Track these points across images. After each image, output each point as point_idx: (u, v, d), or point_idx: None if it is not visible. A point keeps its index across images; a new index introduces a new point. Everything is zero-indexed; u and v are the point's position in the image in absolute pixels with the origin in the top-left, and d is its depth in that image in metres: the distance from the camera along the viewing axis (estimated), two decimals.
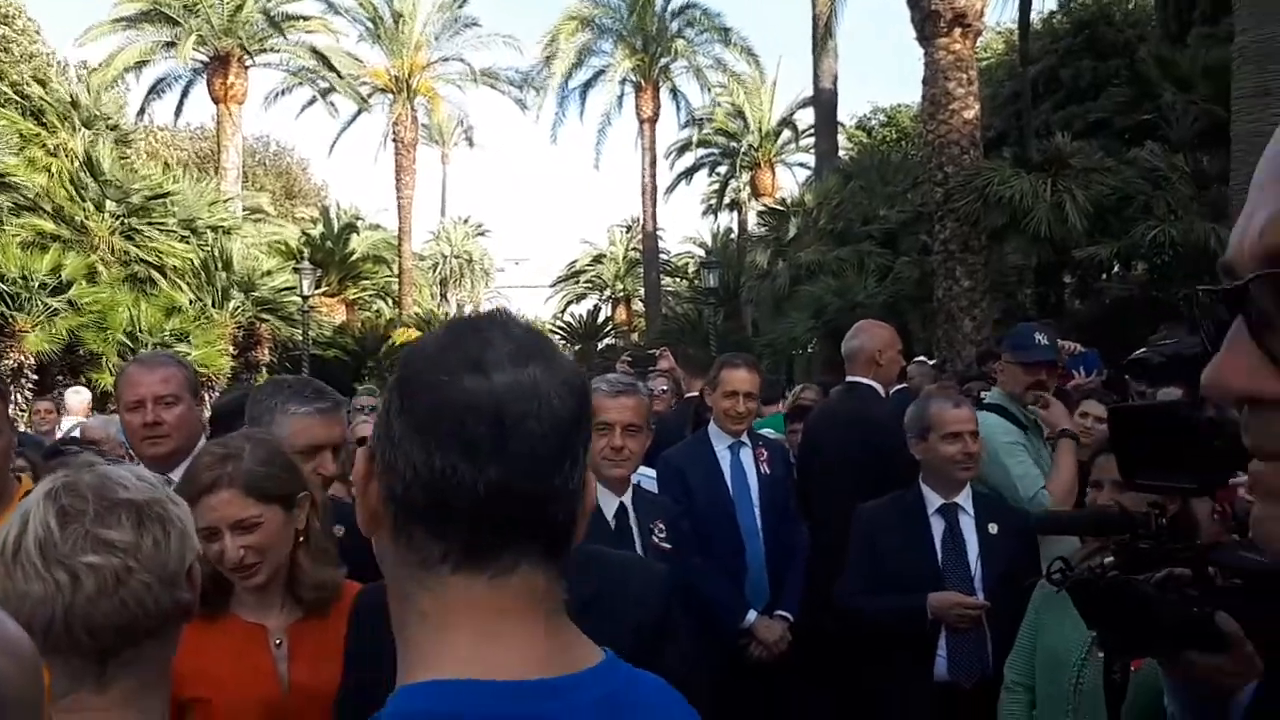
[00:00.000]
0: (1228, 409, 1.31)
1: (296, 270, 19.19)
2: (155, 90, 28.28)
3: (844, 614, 3.53)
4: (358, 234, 27.73)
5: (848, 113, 34.32)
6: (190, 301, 17.97)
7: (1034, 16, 17.02)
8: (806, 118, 30.03)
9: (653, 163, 31.05)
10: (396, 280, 30.04)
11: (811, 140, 27.54)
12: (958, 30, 14.22)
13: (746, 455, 4.04)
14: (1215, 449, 1.38)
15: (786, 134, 33.66)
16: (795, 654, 3.91)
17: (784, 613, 3.93)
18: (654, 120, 31.37)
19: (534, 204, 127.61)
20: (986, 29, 17.68)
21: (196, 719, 2.00)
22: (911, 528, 3.46)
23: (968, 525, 3.45)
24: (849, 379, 4.63)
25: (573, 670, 0.89)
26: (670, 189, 35.78)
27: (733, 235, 32.91)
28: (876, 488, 3.71)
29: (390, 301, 29.64)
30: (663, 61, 31.64)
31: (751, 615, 3.89)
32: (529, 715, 0.84)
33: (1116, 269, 15.50)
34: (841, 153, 24.95)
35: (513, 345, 0.88)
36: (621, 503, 3.01)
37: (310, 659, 2.10)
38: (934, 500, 3.48)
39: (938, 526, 3.45)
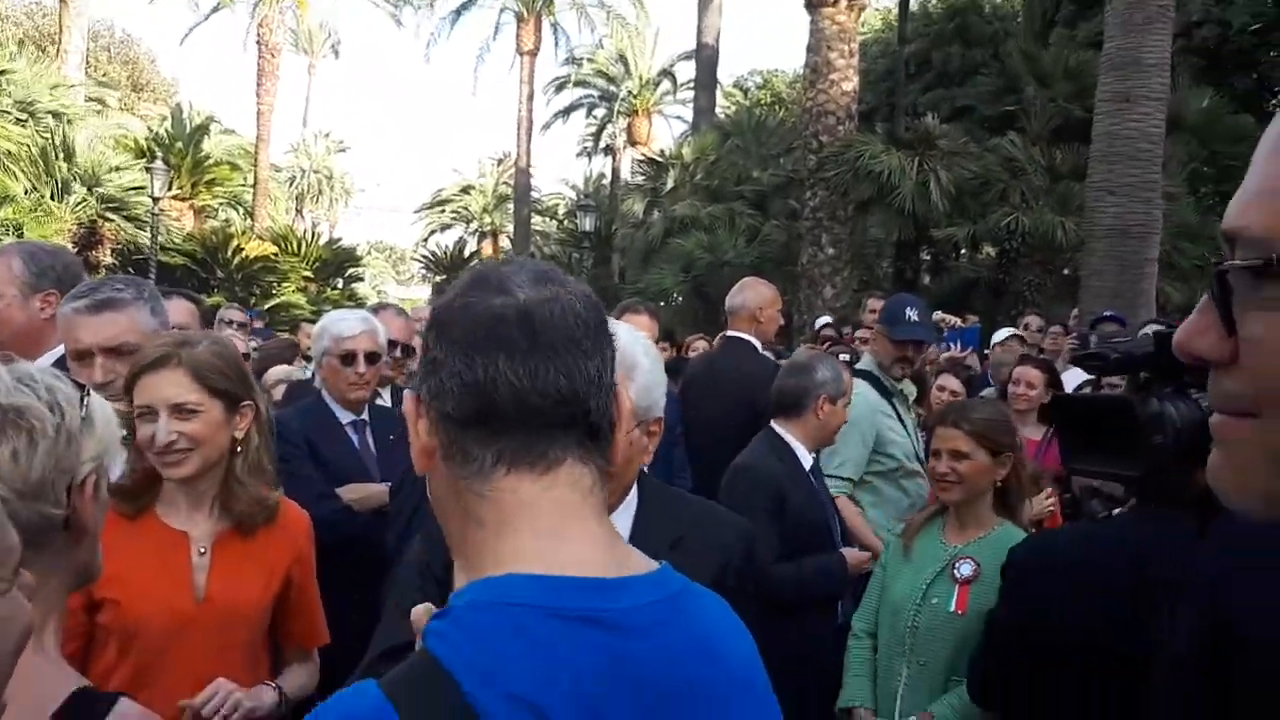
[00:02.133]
0: (1166, 404, 1.47)
1: (148, 169, 17.88)
2: None
3: (774, 582, 3.12)
4: (209, 137, 26.10)
5: (726, 72, 34.58)
6: (26, 191, 16.64)
7: None
8: (686, 71, 30.08)
9: (530, 97, 30.46)
10: (250, 190, 28.55)
11: (690, 94, 27.58)
12: (844, 2, 14.58)
13: None
14: (1155, 443, 1.50)
15: (666, 84, 33.61)
16: None
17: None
18: (534, 53, 30.72)
19: (400, 126, 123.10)
20: (869, 4, 18.14)
21: (105, 619, 1.99)
22: (806, 485, 3.39)
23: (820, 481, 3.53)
24: (729, 333, 4.77)
25: (630, 573, 0.95)
26: (546, 126, 35.25)
27: (605, 180, 32.71)
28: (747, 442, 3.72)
29: (242, 212, 28.13)
30: None
31: None
32: (592, 609, 0.89)
33: (964, 251, 16.33)
34: (719, 110, 25.13)
35: (532, 272, 0.95)
36: None
37: (231, 572, 2.09)
38: (807, 457, 3.42)
39: (815, 483, 3.47)
